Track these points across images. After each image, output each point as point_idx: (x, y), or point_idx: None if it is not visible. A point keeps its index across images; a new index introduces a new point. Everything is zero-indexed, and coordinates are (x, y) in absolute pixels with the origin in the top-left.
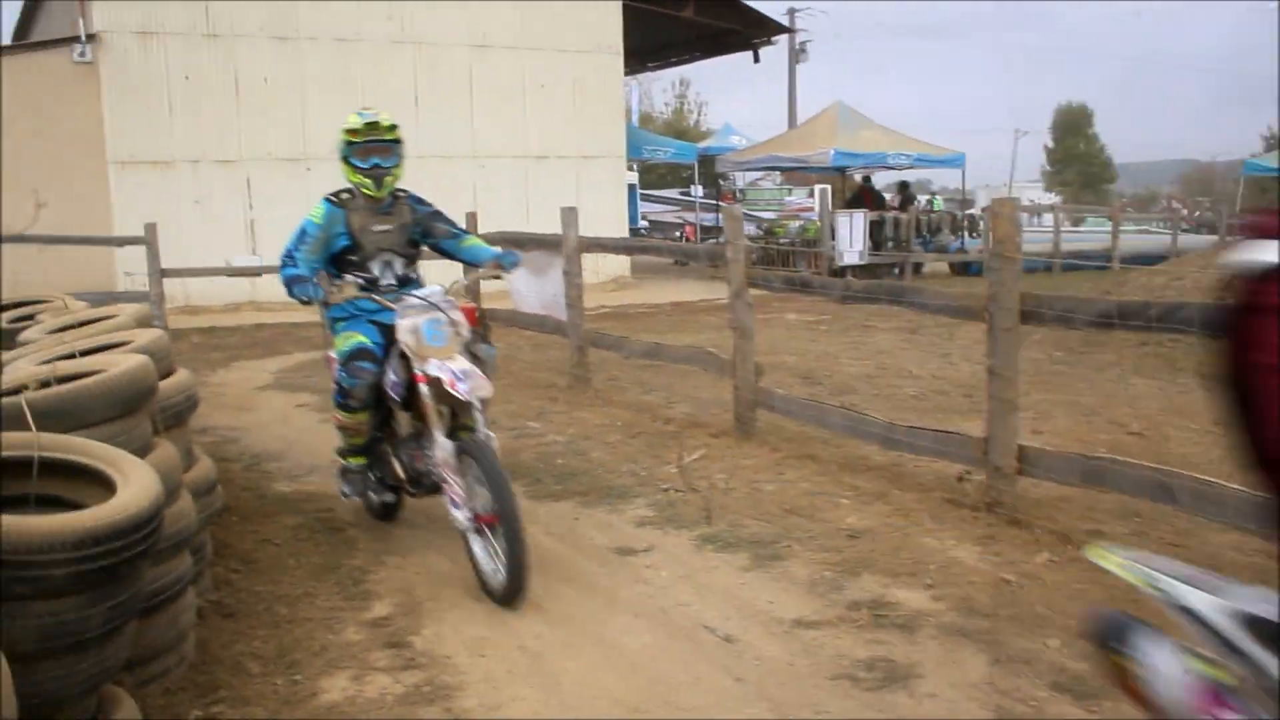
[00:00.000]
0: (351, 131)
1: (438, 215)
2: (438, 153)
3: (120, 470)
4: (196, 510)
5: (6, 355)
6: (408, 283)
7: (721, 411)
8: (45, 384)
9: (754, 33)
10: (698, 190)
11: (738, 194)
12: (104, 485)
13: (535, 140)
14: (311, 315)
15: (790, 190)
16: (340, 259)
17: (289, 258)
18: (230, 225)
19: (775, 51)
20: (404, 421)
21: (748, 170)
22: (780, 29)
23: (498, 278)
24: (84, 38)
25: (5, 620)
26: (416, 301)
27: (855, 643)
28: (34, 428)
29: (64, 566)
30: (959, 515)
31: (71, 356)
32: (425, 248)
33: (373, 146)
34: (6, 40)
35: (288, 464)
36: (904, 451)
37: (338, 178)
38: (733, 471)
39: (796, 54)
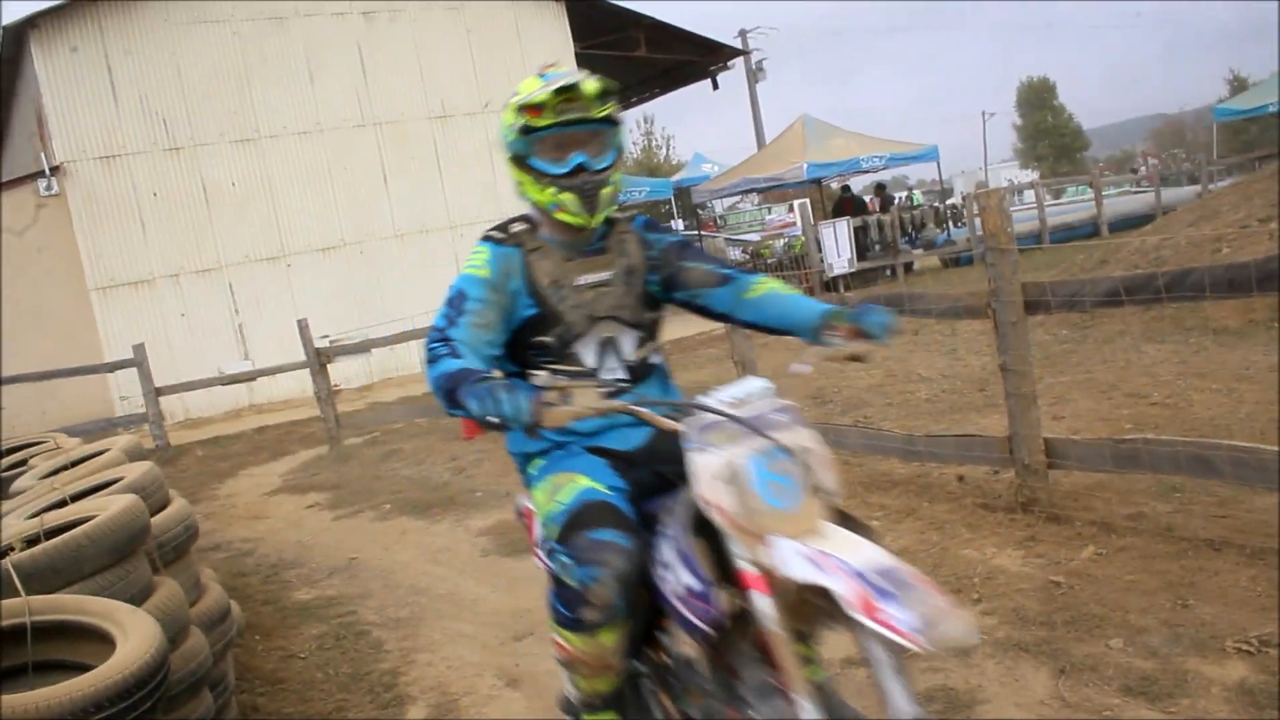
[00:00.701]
0: (531, 109)
1: (687, 248)
2: (415, 228)
3: (117, 623)
4: (211, 642)
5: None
6: (647, 374)
7: None
8: (34, 540)
9: (709, 60)
10: (678, 224)
11: (718, 221)
12: (104, 639)
13: (509, 202)
14: (310, 408)
15: (770, 209)
16: (521, 339)
17: (442, 342)
18: (218, 333)
19: (733, 75)
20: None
21: (725, 196)
22: (734, 52)
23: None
24: (48, 171)
25: None
26: (719, 417)
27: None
28: (23, 592)
29: None
30: (994, 520)
31: (63, 504)
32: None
33: (572, 135)
34: None
35: (306, 569)
36: (927, 461)
37: (318, 271)
38: None
39: (754, 74)
